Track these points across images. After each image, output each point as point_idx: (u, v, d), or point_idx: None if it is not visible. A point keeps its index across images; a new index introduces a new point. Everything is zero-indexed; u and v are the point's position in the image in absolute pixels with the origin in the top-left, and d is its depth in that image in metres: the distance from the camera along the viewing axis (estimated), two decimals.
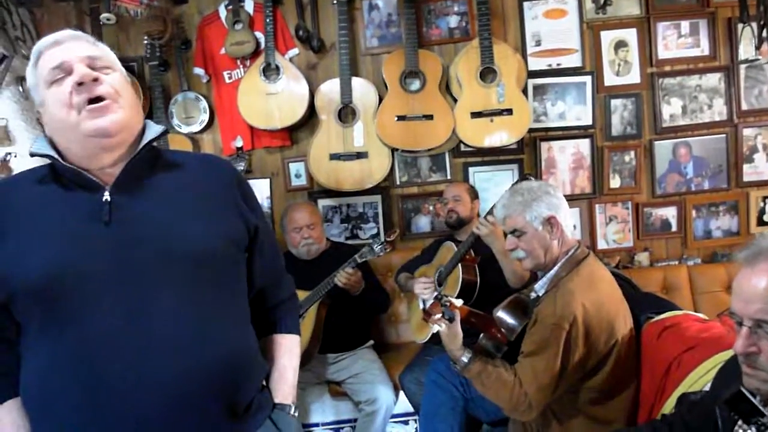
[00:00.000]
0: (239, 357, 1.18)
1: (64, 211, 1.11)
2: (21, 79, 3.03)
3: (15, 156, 2.88)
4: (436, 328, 1.95)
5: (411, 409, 2.75)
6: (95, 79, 1.09)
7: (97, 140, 1.09)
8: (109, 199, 1.11)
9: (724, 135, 3.38)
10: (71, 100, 1.08)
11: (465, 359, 1.92)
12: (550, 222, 1.96)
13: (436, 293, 2.58)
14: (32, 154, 1.15)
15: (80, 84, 1.08)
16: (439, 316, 1.94)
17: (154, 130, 1.20)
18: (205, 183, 1.23)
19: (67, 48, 1.11)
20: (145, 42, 3.25)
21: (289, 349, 1.38)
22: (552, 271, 1.98)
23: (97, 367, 1.05)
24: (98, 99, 1.09)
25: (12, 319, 1.12)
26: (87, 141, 1.10)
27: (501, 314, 2.13)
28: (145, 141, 1.17)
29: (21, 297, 1.09)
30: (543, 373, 1.79)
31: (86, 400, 1.06)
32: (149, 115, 3.30)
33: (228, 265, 1.20)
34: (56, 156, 1.13)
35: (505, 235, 2.09)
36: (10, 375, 1.15)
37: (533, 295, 2.06)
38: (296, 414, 1.33)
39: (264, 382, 1.32)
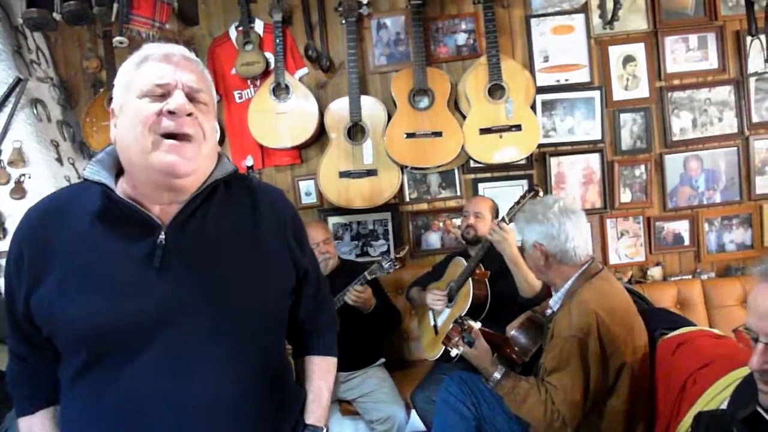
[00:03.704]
0: (278, 404, 1.18)
1: (116, 254, 1.05)
2: (35, 102, 3.08)
3: (29, 177, 2.92)
4: (455, 351, 1.96)
5: (423, 428, 2.72)
6: (189, 114, 1.03)
7: (161, 176, 1.03)
8: (164, 240, 1.05)
9: (735, 148, 3.36)
10: (155, 121, 1.01)
11: (498, 375, 1.92)
12: (538, 249, 1.99)
13: (448, 316, 2.57)
14: (85, 179, 1.09)
15: (171, 112, 1.02)
16: (457, 339, 1.95)
17: (225, 168, 1.15)
18: (262, 224, 1.18)
19: (177, 69, 1.05)
20: None
21: (326, 371, 1.37)
22: (565, 287, 1.98)
23: (137, 418, 1.03)
24: (183, 135, 1.03)
25: (52, 344, 1.10)
26: (150, 172, 1.03)
27: (515, 334, 2.14)
28: (211, 180, 1.12)
29: (63, 340, 1.07)
30: (572, 388, 1.79)
31: None
32: None
33: (275, 314, 1.19)
34: (112, 186, 1.07)
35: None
36: (44, 387, 1.16)
37: (549, 311, 2.05)
38: None
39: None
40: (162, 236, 1.06)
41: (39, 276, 1.06)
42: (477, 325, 2.01)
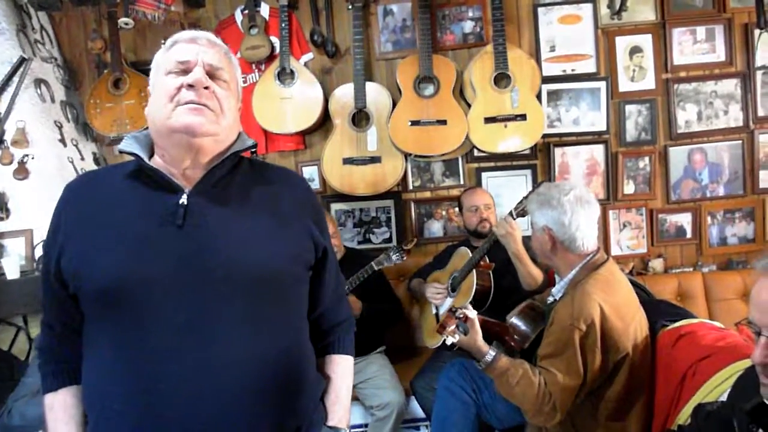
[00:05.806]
0: (295, 376, 1.19)
1: (141, 212, 1.13)
2: (39, 82, 3.07)
3: (32, 158, 2.91)
4: (450, 339, 1.96)
5: (423, 415, 2.74)
6: (206, 87, 1.12)
7: (180, 136, 1.10)
8: (185, 202, 1.12)
9: (740, 141, 3.36)
10: (176, 93, 1.11)
11: (489, 357, 1.92)
12: (547, 233, 1.99)
13: (450, 306, 2.58)
14: (120, 151, 1.18)
15: (191, 86, 1.11)
16: (452, 328, 1.95)
17: (245, 143, 1.22)
18: (283, 200, 1.24)
19: (199, 50, 1.15)
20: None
21: (344, 370, 1.38)
22: (569, 276, 1.98)
23: (154, 376, 1.06)
24: (201, 104, 1.11)
25: (78, 309, 1.15)
26: (172, 136, 1.11)
27: (514, 321, 2.14)
28: (232, 151, 1.19)
29: (87, 294, 1.11)
30: (565, 374, 1.80)
31: (140, 407, 1.06)
32: None
33: (292, 284, 1.21)
34: (142, 155, 1.16)
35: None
36: (69, 363, 1.19)
37: (550, 299, 2.06)
38: None
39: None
40: (184, 198, 1.13)
41: (72, 236, 1.13)
42: (473, 313, 2.01)
